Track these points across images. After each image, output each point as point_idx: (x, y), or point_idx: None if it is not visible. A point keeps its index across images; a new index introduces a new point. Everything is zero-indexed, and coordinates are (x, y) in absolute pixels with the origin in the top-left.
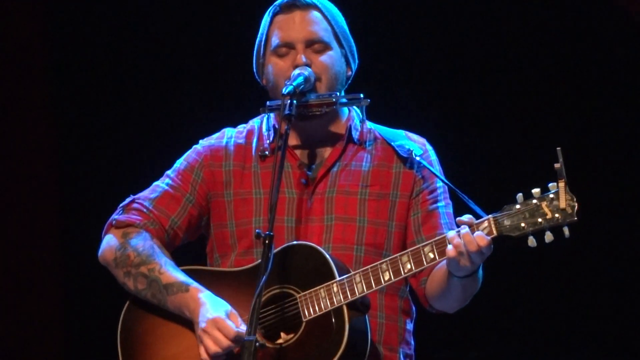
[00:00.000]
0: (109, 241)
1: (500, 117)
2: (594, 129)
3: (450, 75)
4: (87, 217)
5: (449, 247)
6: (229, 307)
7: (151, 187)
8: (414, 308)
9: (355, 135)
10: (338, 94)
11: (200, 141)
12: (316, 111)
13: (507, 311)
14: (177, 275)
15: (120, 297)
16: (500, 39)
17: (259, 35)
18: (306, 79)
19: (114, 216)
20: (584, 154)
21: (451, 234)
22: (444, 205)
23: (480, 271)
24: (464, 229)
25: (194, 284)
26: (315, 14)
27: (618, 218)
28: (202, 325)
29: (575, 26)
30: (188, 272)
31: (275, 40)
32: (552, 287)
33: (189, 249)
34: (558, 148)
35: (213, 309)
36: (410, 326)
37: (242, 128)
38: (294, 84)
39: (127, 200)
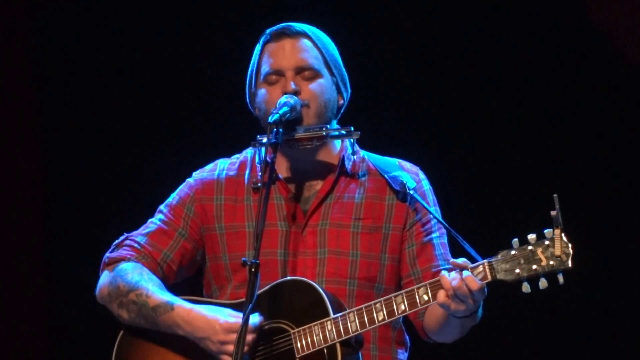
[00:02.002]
0: (103, 279)
1: (497, 158)
2: (591, 170)
3: (447, 110)
4: (72, 227)
5: (440, 293)
6: (222, 310)
7: (145, 225)
8: (407, 338)
9: (348, 166)
10: (329, 126)
11: (193, 174)
12: (307, 144)
13: (504, 341)
14: (163, 296)
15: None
16: (497, 72)
17: (250, 64)
18: (292, 108)
19: (107, 254)
20: (581, 198)
21: (444, 278)
22: (438, 236)
23: (480, 310)
24: (454, 275)
25: (178, 302)
26: (306, 41)
27: (615, 264)
28: (217, 337)
29: (574, 71)
30: None
31: (265, 68)
32: (553, 325)
33: (189, 281)
34: (555, 195)
35: (213, 317)
36: (404, 356)
37: (236, 159)
38: (280, 112)
39: (121, 238)
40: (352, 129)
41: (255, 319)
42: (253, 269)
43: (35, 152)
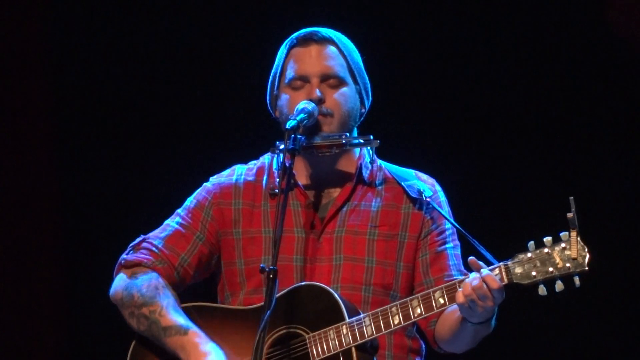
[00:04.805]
0: (118, 281)
1: (512, 161)
2: (608, 172)
3: (463, 116)
4: (89, 228)
5: (459, 292)
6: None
7: (162, 227)
8: (423, 346)
9: (366, 174)
10: (348, 134)
11: (211, 179)
12: (326, 152)
13: (519, 350)
14: (177, 318)
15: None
16: (517, 80)
17: (274, 67)
18: (309, 114)
19: (123, 256)
20: (598, 200)
21: (464, 281)
22: (452, 247)
23: (494, 319)
24: (475, 275)
25: (193, 328)
26: (332, 48)
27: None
28: None
29: (591, 73)
30: (194, 309)
31: (290, 73)
32: (570, 329)
33: (201, 286)
34: (571, 197)
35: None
36: None
37: (253, 165)
38: (297, 118)
39: (137, 240)
40: (372, 137)
41: None
42: (271, 276)
43: (52, 153)
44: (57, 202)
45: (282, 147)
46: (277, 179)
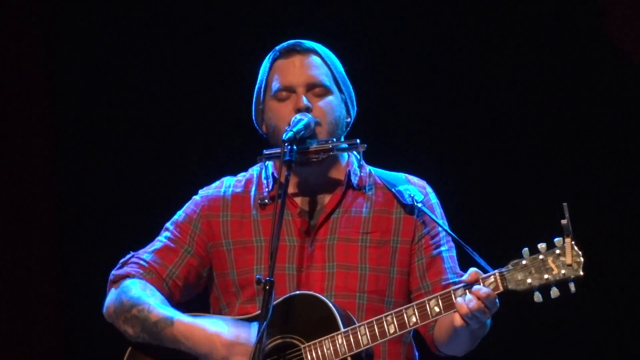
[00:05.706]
0: (109, 297)
1: (505, 168)
2: (601, 178)
3: (455, 122)
4: (84, 242)
5: (456, 315)
6: (224, 325)
7: (151, 243)
8: (417, 354)
9: (355, 180)
10: (335, 140)
11: (199, 191)
12: (313, 158)
13: (516, 354)
14: (164, 310)
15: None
16: (506, 83)
17: (258, 81)
18: (306, 126)
19: (113, 272)
20: (592, 206)
21: (460, 305)
22: (447, 249)
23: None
24: (469, 295)
25: (178, 316)
26: (315, 58)
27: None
28: (219, 353)
29: (585, 80)
30: None
31: (275, 85)
32: (566, 334)
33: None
34: (564, 204)
35: (214, 332)
36: None
37: (242, 177)
38: (294, 129)
39: (127, 256)
40: (359, 141)
41: None
42: (268, 287)
43: (48, 166)
44: (55, 207)
45: (266, 151)
46: (266, 189)
